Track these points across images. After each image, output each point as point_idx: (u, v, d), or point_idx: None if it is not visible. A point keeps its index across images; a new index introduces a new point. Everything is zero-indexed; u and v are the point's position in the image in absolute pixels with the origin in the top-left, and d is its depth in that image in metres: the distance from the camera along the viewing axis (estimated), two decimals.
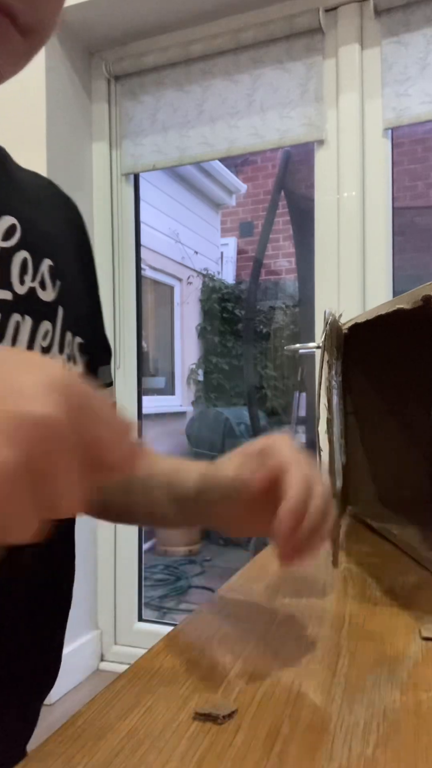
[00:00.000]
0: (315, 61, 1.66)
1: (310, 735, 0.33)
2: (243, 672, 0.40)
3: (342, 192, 1.66)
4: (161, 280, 4.64)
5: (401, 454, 0.88)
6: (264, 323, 4.96)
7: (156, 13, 1.75)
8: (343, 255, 1.66)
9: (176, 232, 4.75)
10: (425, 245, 3.80)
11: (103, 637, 2.02)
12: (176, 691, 0.38)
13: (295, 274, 4.84)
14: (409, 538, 0.68)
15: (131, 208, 1.97)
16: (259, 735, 0.33)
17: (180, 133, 1.83)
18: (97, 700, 0.37)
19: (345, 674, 0.40)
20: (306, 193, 3.07)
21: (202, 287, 5.13)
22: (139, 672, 0.40)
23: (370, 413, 0.88)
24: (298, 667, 0.41)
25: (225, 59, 1.77)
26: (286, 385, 4.73)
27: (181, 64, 1.82)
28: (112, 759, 0.31)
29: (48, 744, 0.32)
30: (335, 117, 1.65)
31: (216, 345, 5.06)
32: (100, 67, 1.91)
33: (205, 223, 5.35)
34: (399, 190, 4.25)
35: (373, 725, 0.34)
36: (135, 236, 1.98)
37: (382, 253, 1.63)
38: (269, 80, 1.72)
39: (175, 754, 0.31)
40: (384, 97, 1.59)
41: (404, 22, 1.56)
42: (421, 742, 0.32)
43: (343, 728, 0.33)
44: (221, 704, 0.35)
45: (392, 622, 0.48)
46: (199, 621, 0.49)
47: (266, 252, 4.88)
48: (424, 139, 4.33)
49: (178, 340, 4.83)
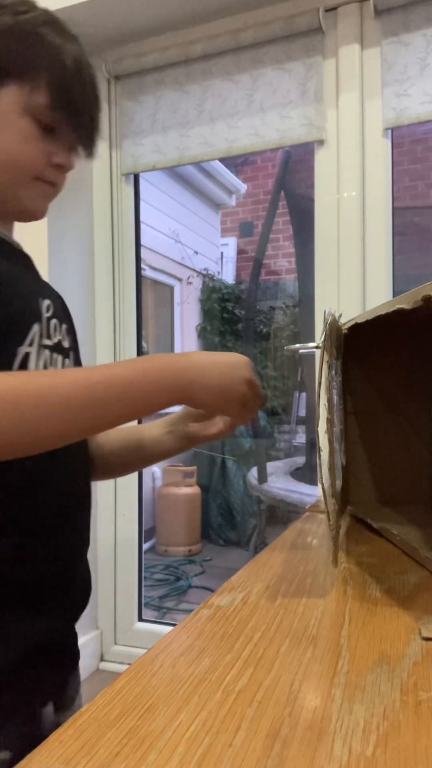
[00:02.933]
0: (315, 61, 1.66)
1: (310, 735, 0.33)
2: (243, 672, 0.40)
3: (342, 192, 1.66)
4: (161, 280, 4.64)
5: (401, 454, 0.88)
6: (264, 323, 4.96)
7: (156, 13, 1.75)
8: (343, 255, 1.66)
9: (176, 232, 4.75)
10: (425, 245, 3.80)
11: (103, 637, 2.02)
12: (176, 691, 0.38)
13: (295, 274, 4.84)
14: (409, 538, 0.68)
15: (131, 208, 1.97)
16: (259, 735, 0.33)
17: (180, 133, 1.83)
18: (97, 700, 0.37)
19: (345, 674, 0.40)
20: (306, 193, 3.07)
21: (202, 287, 5.13)
22: (139, 672, 0.40)
23: (370, 413, 0.88)
24: (298, 667, 0.41)
25: (225, 59, 1.77)
26: (286, 385, 4.73)
27: (181, 64, 1.82)
28: (112, 759, 0.31)
29: (48, 744, 0.32)
30: (335, 117, 1.65)
31: (216, 345, 5.06)
32: (100, 67, 1.91)
33: (205, 223, 5.35)
34: (399, 190, 4.25)
35: (373, 725, 0.34)
36: (135, 236, 1.98)
37: (382, 253, 1.63)
38: (269, 80, 1.72)
39: (175, 754, 0.31)
40: (384, 97, 1.59)
41: (404, 22, 1.56)
42: (421, 742, 0.32)
43: (343, 728, 0.33)
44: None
45: (392, 622, 0.48)
46: (199, 621, 0.49)
47: (266, 252, 4.88)
48: (424, 139, 4.33)
49: (178, 340, 4.83)
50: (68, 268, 1.85)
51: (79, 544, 0.71)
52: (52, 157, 0.64)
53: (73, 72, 0.62)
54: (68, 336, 0.71)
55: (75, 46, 0.63)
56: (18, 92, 0.60)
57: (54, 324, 0.67)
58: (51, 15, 0.64)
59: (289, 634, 0.46)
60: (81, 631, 0.74)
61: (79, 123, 0.64)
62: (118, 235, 1.97)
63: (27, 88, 0.60)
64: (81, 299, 1.91)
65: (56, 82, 0.61)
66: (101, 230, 1.97)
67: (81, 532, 0.71)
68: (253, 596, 0.55)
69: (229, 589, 0.57)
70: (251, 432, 4.18)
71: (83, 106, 0.64)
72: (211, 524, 4.01)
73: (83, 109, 0.64)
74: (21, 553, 0.60)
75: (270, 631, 0.47)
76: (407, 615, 0.50)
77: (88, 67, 0.65)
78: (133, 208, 1.98)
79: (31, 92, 0.60)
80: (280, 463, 4.19)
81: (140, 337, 2.02)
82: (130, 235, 1.97)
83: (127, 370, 0.54)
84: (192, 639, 0.45)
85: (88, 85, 0.64)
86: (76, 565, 0.70)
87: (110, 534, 2.02)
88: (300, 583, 0.58)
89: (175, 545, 3.68)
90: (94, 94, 0.66)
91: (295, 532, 0.81)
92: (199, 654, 0.43)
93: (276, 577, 0.60)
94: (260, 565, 0.64)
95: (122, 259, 1.96)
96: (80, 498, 0.70)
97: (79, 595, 0.71)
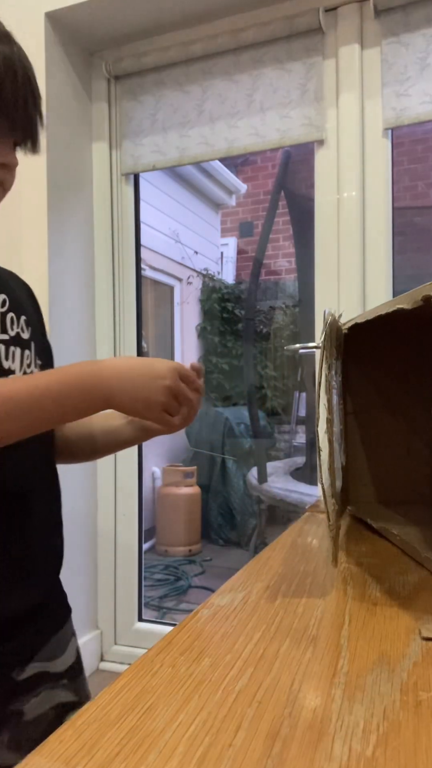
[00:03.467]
0: (315, 61, 1.66)
1: (310, 735, 0.33)
2: (243, 672, 0.40)
3: (342, 192, 1.66)
4: (161, 280, 4.64)
5: (401, 454, 0.88)
6: (264, 323, 4.96)
7: (156, 13, 1.75)
8: (343, 255, 1.66)
9: (176, 232, 4.75)
10: (425, 245, 3.79)
11: (103, 637, 2.02)
12: (176, 691, 0.38)
13: (295, 274, 4.84)
14: (409, 538, 0.68)
15: (131, 208, 1.97)
16: (259, 735, 0.33)
17: (180, 133, 1.83)
18: (97, 700, 0.37)
19: (345, 674, 0.40)
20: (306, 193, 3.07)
21: (202, 287, 5.13)
22: (139, 672, 0.40)
23: (370, 413, 0.88)
24: (298, 667, 0.41)
25: (225, 59, 1.77)
26: (286, 385, 4.73)
27: (181, 64, 1.82)
28: (112, 759, 0.31)
29: (48, 744, 0.32)
30: (335, 117, 1.65)
31: (216, 345, 5.06)
32: (100, 67, 1.91)
33: (205, 223, 5.35)
34: (399, 190, 4.25)
35: (373, 725, 0.34)
36: (135, 236, 1.98)
37: (382, 253, 1.63)
38: (269, 80, 1.72)
39: (175, 754, 0.31)
40: (384, 97, 1.59)
41: (404, 22, 1.56)
42: (421, 742, 0.32)
43: (343, 728, 0.33)
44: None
45: (392, 622, 0.48)
46: (199, 621, 0.49)
47: (266, 252, 4.88)
48: (424, 139, 4.33)
49: (178, 340, 4.83)
50: (68, 268, 1.85)
51: (43, 524, 0.74)
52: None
53: (1, 72, 0.62)
54: (28, 327, 0.74)
55: (3, 46, 0.64)
56: None
57: (10, 317, 0.70)
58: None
59: (289, 634, 0.46)
60: (81, 631, 0.75)
61: (14, 120, 0.65)
62: (118, 235, 1.97)
63: None
64: (81, 299, 1.91)
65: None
66: (101, 230, 1.97)
67: (43, 512, 0.73)
68: (253, 596, 0.55)
69: (229, 589, 0.57)
70: (251, 432, 4.18)
71: (16, 103, 0.64)
72: (211, 524, 4.01)
73: (17, 106, 0.64)
74: None
75: (270, 631, 0.47)
76: (407, 615, 0.50)
77: (20, 64, 0.65)
78: (133, 208, 1.98)
79: None
80: (280, 463, 4.19)
81: (140, 337, 2.02)
82: (130, 235, 1.97)
83: (49, 379, 0.60)
84: (192, 639, 0.45)
85: (20, 83, 0.64)
86: (44, 544, 0.73)
87: (110, 534, 2.02)
88: (300, 583, 0.58)
89: (175, 545, 3.68)
90: (29, 90, 0.66)
91: (295, 532, 0.81)
92: (199, 654, 0.43)
93: (276, 577, 0.60)
94: (260, 565, 0.64)
95: (122, 259, 1.96)
96: (40, 479, 0.74)
97: (48, 570, 0.75)
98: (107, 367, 0.63)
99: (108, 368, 0.63)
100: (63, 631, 0.76)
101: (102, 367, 0.63)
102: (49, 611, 0.74)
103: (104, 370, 0.62)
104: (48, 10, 1.75)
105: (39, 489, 0.73)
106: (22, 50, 0.66)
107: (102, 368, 0.62)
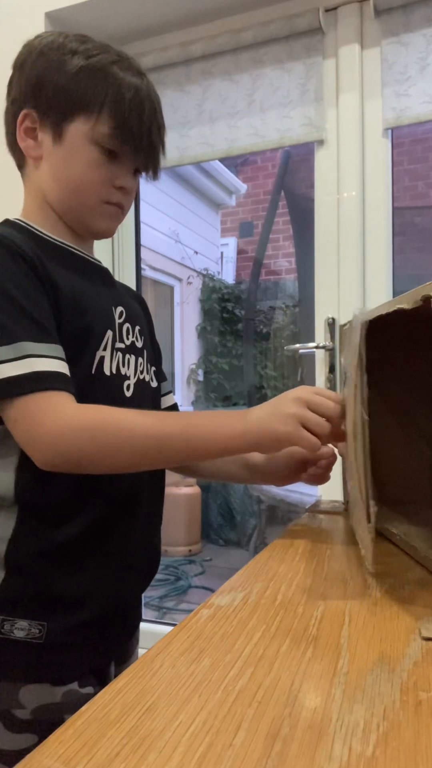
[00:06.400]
0: (315, 61, 1.66)
1: (310, 735, 0.33)
2: (243, 672, 0.40)
3: (342, 192, 1.66)
4: (161, 280, 4.64)
5: (402, 454, 0.88)
6: (264, 323, 4.96)
7: (156, 13, 1.75)
8: (343, 255, 1.66)
9: (176, 232, 4.75)
10: (425, 245, 3.79)
11: None
12: (176, 691, 0.38)
13: (295, 274, 4.84)
14: (409, 538, 0.68)
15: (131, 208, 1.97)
16: (259, 735, 0.33)
17: (180, 133, 1.83)
18: (96, 700, 0.37)
19: (345, 674, 0.40)
20: (306, 193, 3.06)
21: (202, 287, 5.13)
22: (139, 672, 0.40)
23: (371, 413, 0.88)
24: (298, 667, 0.41)
25: (225, 59, 1.77)
26: (286, 385, 4.73)
27: (181, 64, 1.82)
28: (112, 759, 0.31)
29: (48, 744, 0.32)
30: (335, 117, 1.65)
31: (216, 345, 5.06)
32: None
33: (205, 223, 5.35)
34: (399, 190, 4.25)
35: (373, 725, 0.34)
36: (135, 236, 1.98)
37: (382, 253, 1.63)
38: (269, 80, 1.72)
39: (175, 754, 0.31)
40: (384, 97, 1.59)
41: (404, 22, 1.56)
42: (421, 742, 0.32)
43: (343, 728, 0.33)
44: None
45: (392, 622, 0.48)
46: (199, 621, 0.49)
47: (266, 252, 4.88)
48: (424, 139, 4.33)
49: (178, 340, 4.83)
50: None
51: (149, 522, 0.79)
52: (115, 180, 0.74)
53: (131, 102, 0.71)
54: (141, 336, 0.82)
55: (137, 79, 0.73)
56: (85, 124, 0.70)
57: (126, 328, 0.78)
58: (121, 55, 0.74)
59: (289, 634, 0.46)
60: None
61: (138, 148, 0.73)
62: (118, 235, 1.97)
63: (93, 119, 0.70)
64: None
65: (116, 112, 0.70)
66: None
67: (148, 510, 0.79)
68: (253, 596, 0.55)
69: (229, 589, 0.57)
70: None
71: (141, 132, 0.72)
72: (211, 524, 4.01)
73: (141, 135, 0.72)
74: (99, 528, 0.69)
75: (270, 631, 0.47)
76: (407, 615, 0.50)
77: (147, 97, 0.73)
78: (133, 208, 1.98)
79: (96, 123, 0.70)
80: None
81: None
82: (130, 235, 1.97)
83: (197, 424, 0.66)
84: (192, 639, 0.45)
85: (146, 113, 0.72)
86: (146, 540, 0.79)
87: None
88: (300, 583, 0.58)
89: (175, 545, 3.68)
90: (154, 121, 0.74)
91: (295, 533, 0.81)
92: (199, 654, 0.43)
93: (276, 577, 0.60)
94: (260, 565, 0.64)
95: (122, 259, 1.96)
96: (150, 476, 0.78)
97: (147, 567, 0.81)
98: (247, 411, 0.68)
99: (247, 411, 0.68)
100: (135, 637, 0.83)
101: (243, 412, 0.69)
102: (137, 612, 0.82)
103: (245, 413, 0.68)
104: (48, 10, 1.75)
105: (148, 487, 0.78)
106: (151, 84, 0.75)
107: (244, 412, 0.68)
